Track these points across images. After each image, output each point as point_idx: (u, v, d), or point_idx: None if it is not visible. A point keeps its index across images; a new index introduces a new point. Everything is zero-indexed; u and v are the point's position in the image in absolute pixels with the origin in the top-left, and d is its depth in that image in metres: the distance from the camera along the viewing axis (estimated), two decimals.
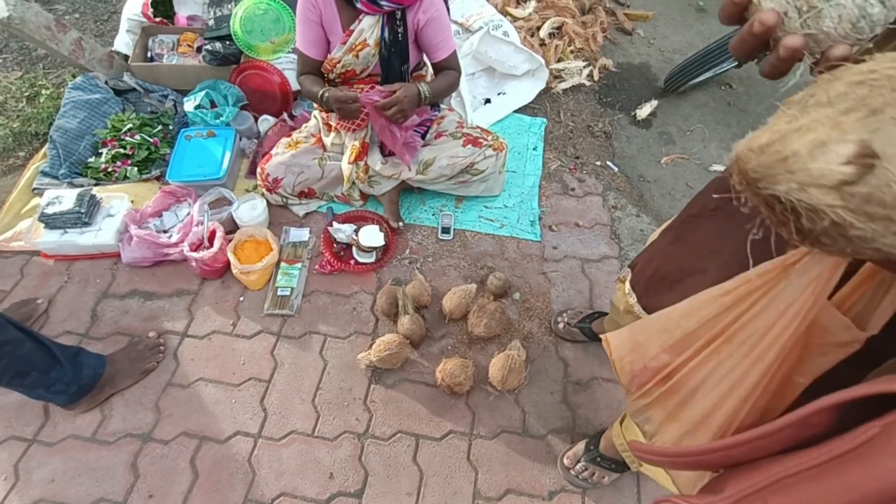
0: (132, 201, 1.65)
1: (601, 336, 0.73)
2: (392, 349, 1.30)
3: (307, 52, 1.46)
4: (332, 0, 1.38)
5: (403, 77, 1.51)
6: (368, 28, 1.40)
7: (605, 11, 2.48)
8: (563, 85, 2.19)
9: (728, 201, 0.33)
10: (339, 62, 1.47)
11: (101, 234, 1.53)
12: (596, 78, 2.27)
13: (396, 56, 1.45)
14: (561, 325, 1.46)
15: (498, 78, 2.16)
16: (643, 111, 2.14)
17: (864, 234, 0.26)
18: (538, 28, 2.29)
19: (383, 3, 1.33)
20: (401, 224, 1.68)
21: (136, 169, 1.74)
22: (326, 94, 1.39)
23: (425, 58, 1.60)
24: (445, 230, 1.71)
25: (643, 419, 0.67)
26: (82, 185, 1.69)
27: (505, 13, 2.27)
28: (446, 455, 1.26)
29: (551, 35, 2.29)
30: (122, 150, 1.75)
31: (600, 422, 1.34)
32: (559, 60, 2.23)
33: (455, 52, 1.53)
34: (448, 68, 1.52)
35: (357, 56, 1.45)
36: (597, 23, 2.38)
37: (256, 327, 1.45)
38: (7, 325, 1.08)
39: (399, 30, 1.41)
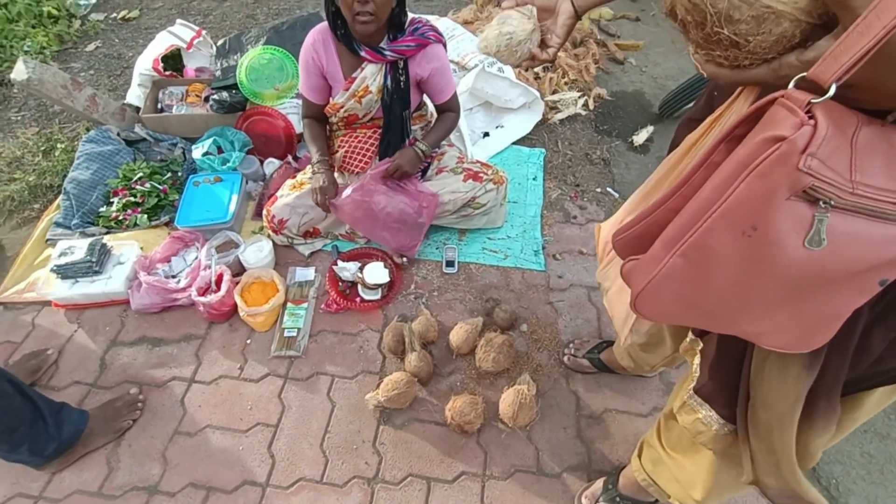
0: (142, 248, 1.68)
1: (595, 227, 0.85)
2: (400, 388, 1.28)
3: (309, 97, 1.54)
4: (333, 49, 1.45)
5: (404, 121, 1.56)
6: (371, 76, 1.45)
7: (596, 43, 2.56)
8: (560, 115, 2.24)
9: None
10: (342, 107, 1.52)
11: (111, 282, 1.56)
12: (591, 107, 2.32)
13: (398, 102, 1.49)
14: (567, 358, 1.44)
15: (495, 112, 2.21)
16: (640, 137, 2.17)
17: None
18: None
19: (387, 52, 1.39)
20: (405, 259, 1.69)
21: (145, 216, 1.78)
22: (316, 167, 1.54)
23: (425, 97, 1.65)
24: (450, 264, 1.71)
25: (603, 277, 0.82)
26: (94, 235, 1.73)
27: None
28: (459, 498, 1.22)
29: (545, 69, 2.36)
30: (132, 199, 1.80)
31: (617, 457, 1.30)
32: (554, 92, 2.29)
33: (455, 93, 1.58)
34: (448, 110, 1.58)
35: (360, 101, 1.50)
36: (589, 54, 2.45)
37: (264, 370, 1.44)
38: (2, 380, 1.08)
39: (401, 78, 1.46)
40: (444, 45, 1.51)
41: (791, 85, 0.39)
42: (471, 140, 2.09)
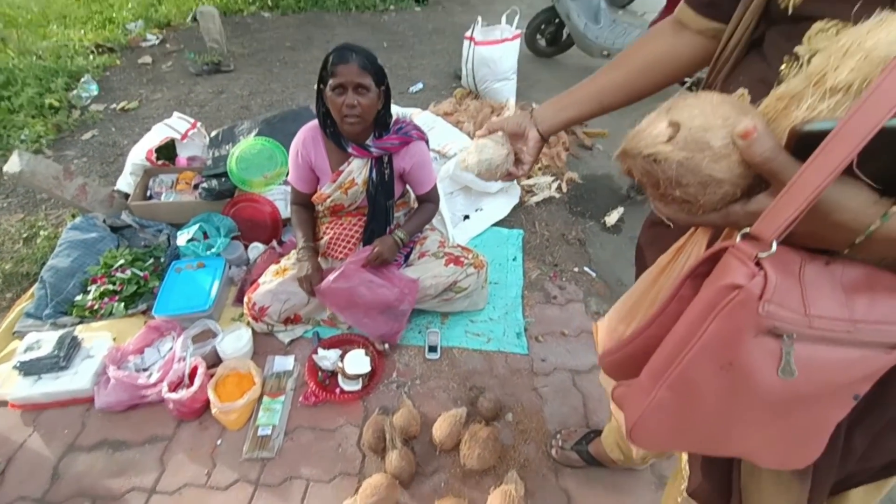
0: (115, 339, 1.63)
1: (593, 325, 0.84)
2: (380, 493, 1.20)
3: (298, 187, 1.62)
4: (321, 145, 1.54)
5: (388, 210, 1.62)
6: (357, 169, 1.53)
7: (565, 132, 2.77)
8: (535, 198, 2.36)
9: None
10: (328, 197, 1.59)
11: (76, 379, 1.49)
12: (564, 190, 2.46)
13: (382, 193, 1.57)
14: (555, 451, 1.39)
15: (475, 195, 2.32)
16: (611, 218, 2.28)
17: (693, 165, 0.43)
18: None
19: (372, 149, 1.48)
20: (387, 346, 1.67)
21: (122, 304, 1.75)
22: (301, 252, 1.60)
23: (407, 186, 1.74)
24: (432, 349, 1.69)
25: (608, 383, 0.79)
26: (65, 325, 1.68)
27: None
28: None
29: None
30: (110, 287, 1.78)
31: None
32: (529, 177, 2.43)
33: (435, 186, 1.67)
34: (428, 201, 1.67)
35: (346, 193, 1.57)
36: (559, 143, 2.64)
37: (233, 476, 1.34)
38: None
39: (386, 171, 1.55)
40: (427, 142, 1.62)
41: (738, 238, 0.44)
42: (452, 223, 2.17)
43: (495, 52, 2.88)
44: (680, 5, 0.73)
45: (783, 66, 0.54)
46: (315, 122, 1.53)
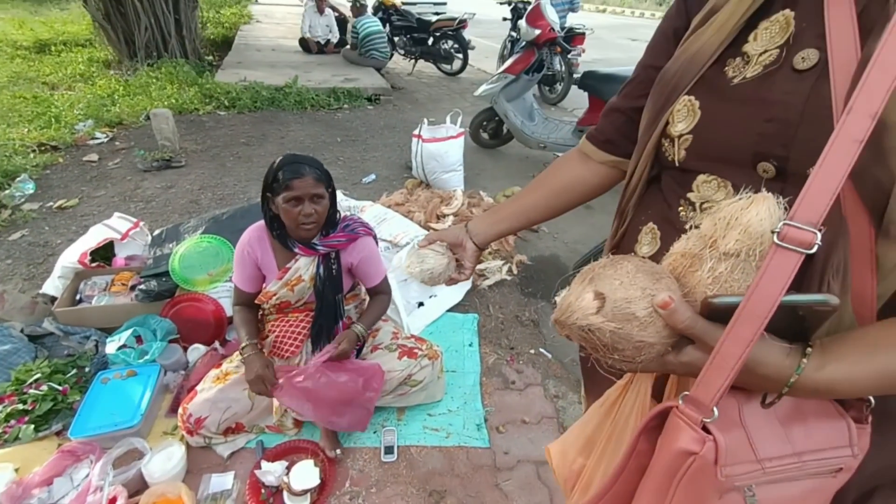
0: (16, 470, 1.41)
1: (545, 449, 0.81)
2: None
3: (243, 287, 1.57)
4: (268, 245, 1.53)
5: (337, 304, 1.61)
6: (304, 266, 1.53)
7: None
8: (488, 282, 2.43)
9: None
10: (274, 294, 1.55)
11: None
12: (515, 272, 2.56)
13: (330, 289, 1.56)
14: None
15: None
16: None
17: (625, 333, 0.46)
18: None
19: (319, 248, 1.50)
20: (338, 452, 1.55)
21: (31, 427, 1.54)
22: (246, 350, 1.48)
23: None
24: (389, 450, 1.59)
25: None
26: None
27: (428, 228, 2.62)
28: None
29: None
30: (20, 406, 1.57)
31: None
32: (480, 262, 2.52)
33: (385, 276, 1.69)
34: (380, 292, 1.67)
35: (292, 290, 1.54)
36: None
37: None
38: None
39: (333, 266, 1.55)
40: (375, 238, 1.67)
41: (680, 401, 0.47)
42: (406, 310, 2.16)
43: (441, 148, 3.12)
44: (582, 140, 0.84)
45: (681, 209, 0.63)
46: (260, 223, 1.54)
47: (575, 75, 4.96)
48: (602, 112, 0.81)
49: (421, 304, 2.26)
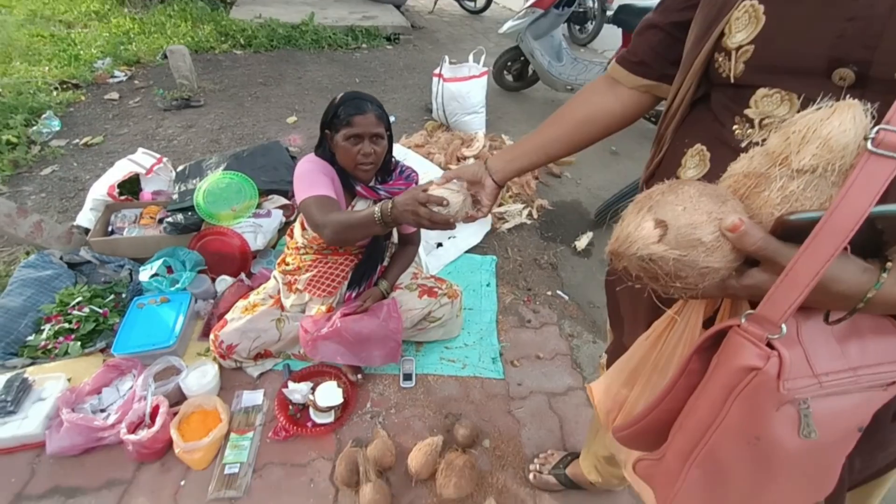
0: (69, 380, 1.54)
1: (586, 387, 0.90)
2: None
3: (327, 192, 1.32)
4: (335, 174, 1.44)
5: (384, 250, 1.63)
6: (361, 210, 1.50)
7: None
8: (507, 225, 2.42)
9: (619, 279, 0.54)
10: None
11: (25, 423, 1.39)
12: (535, 216, 2.53)
13: (384, 235, 1.57)
14: (533, 476, 1.37)
15: None
16: (581, 242, 2.36)
17: (689, 260, 0.45)
18: None
19: (381, 192, 1.48)
20: (360, 377, 1.64)
21: (78, 343, 1.66)
22: (391, 206, 1.05)
23: None
24: (407, 377, 1.67)
25: (617, 449, 0.79)
26: (15, 367, 1.58)
27: (447, 170, 2.58)
28: None
29: None
30: (66, 325, 1.69)
31: None
32: (500, 205, 2.49)
33: (419, 230, 1.69)
34: (410, 243, 1.69)
35: None
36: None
37: None
38: None
39: None
40: (417, 182, 1.65)
41: (743, 319, 0.46)
42: (425, 250, 2.19)
43: (463, 88, 3.01)
44: (612, 65, 0.79)
45: (736, 127, 0.58)
46: (312, 155, 1.47)
47: (608, 12, 4.62)
48: (635, 31, 0.75)
49: (440, 244, 2.28)
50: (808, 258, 0.41)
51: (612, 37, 4.56)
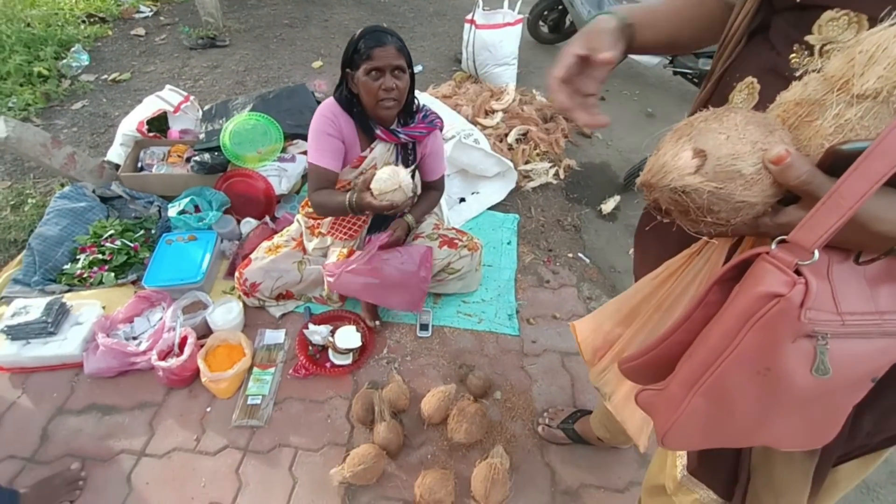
0: (104, 307, 1.62)
1: (570, 325, 0.87)
2: (367, 463, 1.22)
3: (325, 164, 1.41)
4: (351, 121, 1.43)
5: None
6: (380, 155, 1.47)
7: (565, 119, 2.77)
8: (532, 184, 2.36)
9: (652, 218, 0.52)
10: (348, 183, 1.51)
11: (65, 344, 1.48)
12: (562, 176, 2.46)
13: None
14: (542, 428, 1.41)
15: (471, 178, 2.31)
16: (608, 206, 2.29)
17: (725, 194, 0.43)
18: (506, 135, 2.51)
19: (401, 135, 1.44)
20: (378, 323, 1.67)
21: (112, 274, 1.73)
22: (355, 199, 1.32)
23: None
24: (424, 327, 1.70)
25: (602, 383, 0.83)
26: (54, 293, 1.66)
27: (475, 123, 2.50)
28: None
29: (518, 140, 2.52)
30: (100, 256, 1.76)
31: None
32: (527, 162, 2.42)
33: (443, 175, 1.66)
34: (434, 188, 1.67)
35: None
36: (558, 129, 2.63)
37: (222, 441, 1.35)
38: None
39: (410, 157, 1.52)
40: (441, 129, 1.60)
41: (773, 245, 0.44)
42: (448, 204, 2.16)
43: (496, 37, 2.85)
44: None
45: (793, 55, 0.53)
46: (330, 101, 1.43)
47: None
48: None
49: (462, 199, 2.25)
50: (856, 179, 0.38)
51: None
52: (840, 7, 0.49)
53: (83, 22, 3.59)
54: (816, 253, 0.41)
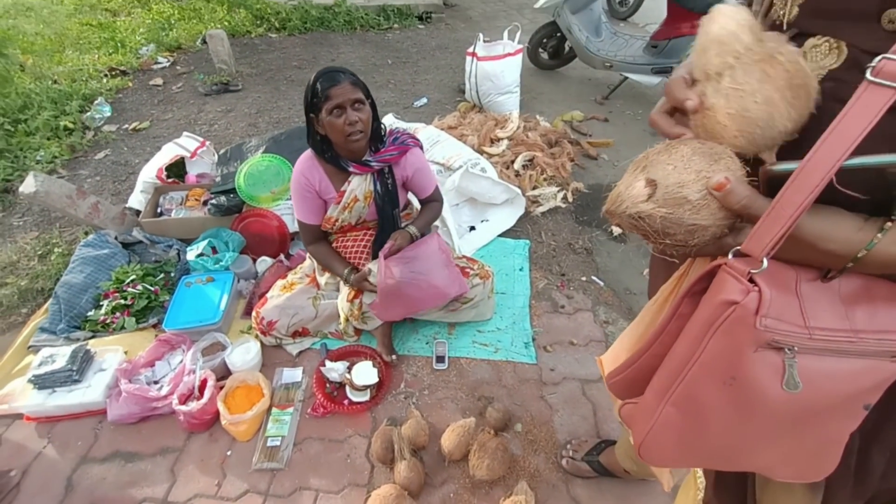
0: (126, 352, 1.65)
1: (597, 360, 0.83)
2: None
3: (309, 221, 1.58)
4: (321, 170, 1.51)
5: (395, 219, 1.64)
6: (357, 186, 1.53)
7: (569, 142, 2.80)
8: (541, 209, 2.37)
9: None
10: (336, 220, 1.58)
11: (89, 392, 1.51)
12: (570, 200, 2.47)
13: (389, 203, 1.59)
14: (566, 462, 1.38)
15: (480, 206, 2.34)
16: (618, 228, 2.28)
17: (676, 218, 0.46)
18: (512, 162, 2.55)
19: (373, 163, 1.50)
20: (394, 357, 1.67)
21: (133, 319, 1.77)
22: (351, 279, 1.59)
23: (410, 196, 1.76)
24: (440, 359, 1.69)
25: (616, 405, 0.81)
26: (78, 340, 1.70)
27: (481, 152, 2.55)
28: None
29: (524, 167, 2.55)
30: (122, 301, 1.80)
31: None
32: (534, 188, 2.44)
33: (437, 186, 1.69)
34: (432, 200, 1.69)
35: (351, 211, 1.57)
36: (564, 153, 2.66)
37: (243, 486, 1.34)
38: None
39: (388, 181, 1.56)
40: (421, 148, 1.64)
41: (730, 255, 0.46)
42: (458, 233, 2.18)
43: (497, 67, 2.93)
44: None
45: None
46: (307, 153, 1.52)
47: None
48: None
49: (472, 228, 2.27)
50: (792, 192, 0.41)
51: (654, 9, 4.32)
52: (821, 34, 0.51)
53: (105, 76, 3.79)
54: (765, 262, 0.43)
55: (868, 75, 0.39)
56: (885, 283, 0.47)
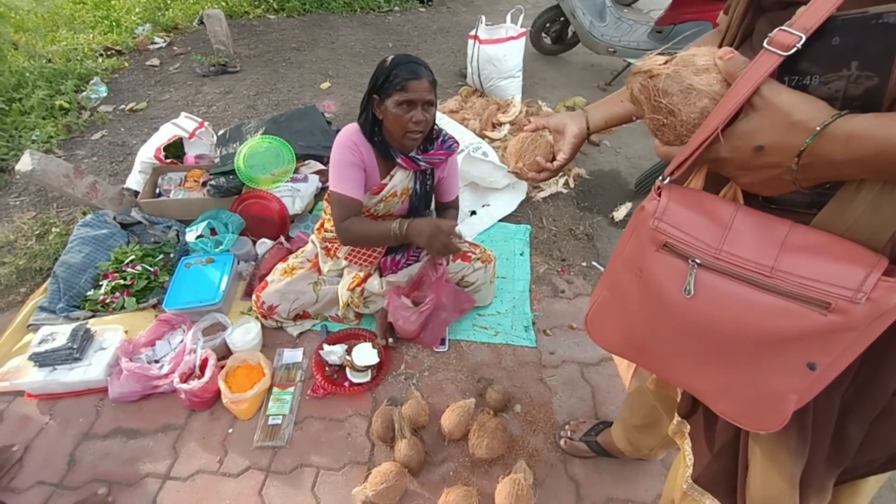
0: (126, 332, 1.65)
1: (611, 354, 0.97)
2: (389, 481, 1.21)
3: (351, 193, 1.39)
4: (371, 148, 1.43)
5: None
6: (399, 182, 1.47)
7: None
8: (543, 194, 2.36)
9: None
10: (369, 210, 1.51)
11: (90, 370, 1.51)
12: (572, 185, 2.46)
13: (423, 203, 1.57)
14: (564, 442, 1.39)
15: (481, 191, 2.33)
16: (619, 213, 2.28)
17: (677, 76, 0.52)
18: None
19: (421, 163, 1.44)
20: (391, 340, 1.67)
21: (133, 299, 1.77)
22: (405, 228, 1.36)
23: None
24: (441, 342, 1.70)
25: (639, 375, 0.91)
26: (78, 319, 1.70)
27: (483, 136, 2.53)
28: None
29: None
30: (121, 282, 1.80)
31: None
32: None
33: (458, 195, 1.67)
34: (452, 207, 1.67)
35: (386, 204, 1.51)
36: None
37: (245, 463, 1.36)
38: None
39: (428, 182, 1.53)
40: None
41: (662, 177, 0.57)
42: (459, 218, 2.17)
43: (500, 51, 2.89)
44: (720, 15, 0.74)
45: None
46: (353, 126, 1.42)
47: None
48: None
49: (473, 212, 2.26)
50: (746, 79, 0.48)
51: None
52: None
53: (101, 55, 3.72)
54: (668, 179, 0.55)
55: (765, 44, 0.47)
56: (848, 243, 0.47)
